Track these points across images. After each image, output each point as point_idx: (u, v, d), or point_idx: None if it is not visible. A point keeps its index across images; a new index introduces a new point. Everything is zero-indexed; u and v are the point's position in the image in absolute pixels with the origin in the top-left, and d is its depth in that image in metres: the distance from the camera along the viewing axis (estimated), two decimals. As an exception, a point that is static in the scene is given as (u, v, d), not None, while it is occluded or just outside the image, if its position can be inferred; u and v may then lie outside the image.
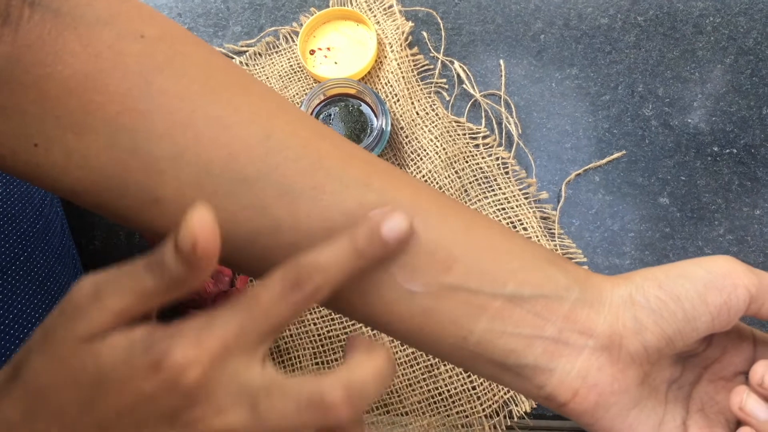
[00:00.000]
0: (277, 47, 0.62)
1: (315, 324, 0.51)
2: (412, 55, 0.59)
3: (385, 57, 0.59)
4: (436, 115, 0.57)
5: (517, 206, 0.54)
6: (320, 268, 0.27)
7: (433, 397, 0.49)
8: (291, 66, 0.60)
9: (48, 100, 0.28)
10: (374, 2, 0.61)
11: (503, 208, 0.54)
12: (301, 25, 0.62)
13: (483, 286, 0.30)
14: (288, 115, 0.31)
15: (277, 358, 0.51)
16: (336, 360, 0.50)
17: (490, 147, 0.56)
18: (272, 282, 0.26)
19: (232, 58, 0.62)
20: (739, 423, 0.30)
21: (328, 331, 0.51)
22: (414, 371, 0.49)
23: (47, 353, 0.25)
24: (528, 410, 0.48)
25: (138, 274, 0.25)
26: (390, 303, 0.30)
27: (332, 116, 0.56)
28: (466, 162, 0.55)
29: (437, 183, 0.54)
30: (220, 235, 0.25)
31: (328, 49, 0.60)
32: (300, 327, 0.51)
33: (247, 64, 0.61)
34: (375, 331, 0.50)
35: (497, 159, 0.55)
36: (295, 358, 0.51)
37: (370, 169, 0.31)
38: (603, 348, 0.30)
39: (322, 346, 0.51)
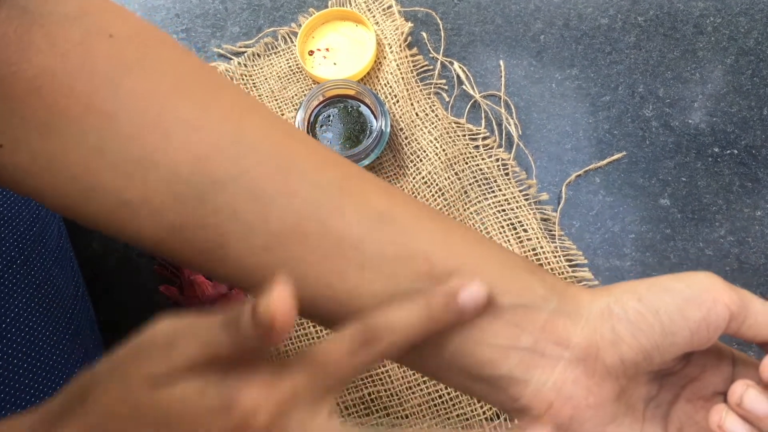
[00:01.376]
0: (276, 48, 0.61)
1: (315, 327, 0.51)
2: (412, 55, 0.59)
3: (385, 58, 0.58)
4: (436, 116, 0.56)
5: (517, 208, 0.53)
6: (392, 330, 0.27)
7: (433, 400, 0.49)
8: (290, 67, 0.60)
9: (13, 100, 0.28)
10: (373, 3, 0.61)
11: (503, 210, 0.53)
12: (300, 25, 0.61)
13: None
14: (260, 117, 0.31)
15: (277, 359, 0.51)
16: (335, 363, 0.50)
17: (490, 148, 0.56)
18: (344, 338, 0.26)
19: (230, 59, 0.61)
20: None
21: (327, 334, 0.51)
22: (414, 374, 0.49)
23: (116, 387, 0.25)
24: (529, 413, 0.47)
25: (214, 329, 0.25)
26: (365, 309, 0.29)
27: (331, 117, 0.55)
28: (466, 163, 0.55)
29: (437, 184, 0.54)
30: (189, 240, 0.25)
31: (327, 49, 0.59)
32: (299, 330, 0.51)
33: (245, 65, 0.61)
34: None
35: (497, 160, 0.55)
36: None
37: (344, 173, 0.31)
38: (579, 360, 0.29)
39: (322, 348, 0.51)
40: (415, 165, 0.55)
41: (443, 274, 0.29)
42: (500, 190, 0.54)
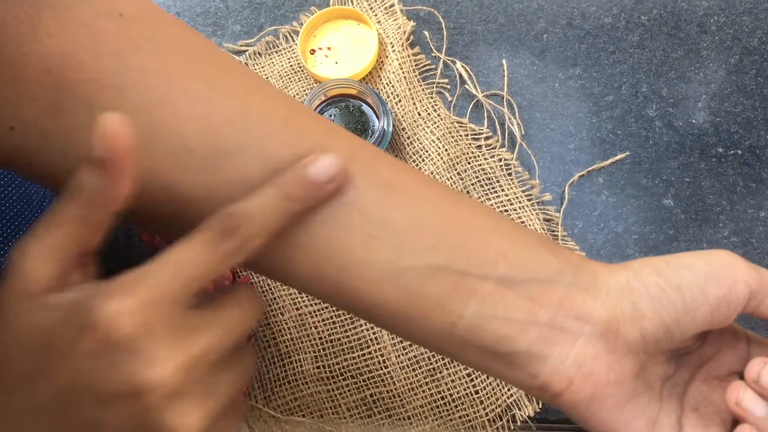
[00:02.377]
0: (277, 47, 0.61)
1: (316, 327, 0.51)
2: (414, 54, 0.59)
3: (387, 57, 0.58)
4: (438, 115, 0.56)
5: (519, 208, 0.53)
6: (249, 215, 0.26)
7: (435, 402, 0.49)
8: (291, 66, 0.60)
9: (24, 81, 0.28)
10: (375, 1, 0.61)
11: (506, 210, 0.53)
12: (302, 24, 0.61)
13: (471, 267, 0.28)
14: (268, 92, 0.31)
15: (278, 361, 0.51)
16: (338, 363, 0.50)
17: (492, 148, 0.55)
18: (200, 232, 0.26)
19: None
20: (735, 423, 0.29)
21: (329, 335, 0.51)
22: (416, 375, 0.49)
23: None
24: (531, 414, 0.47)
25: (61, 211, 0.26)
26: (374, 282, 0.28)
27: (333, 117, 0.55)
28: (469, 163, 0.55)
29: (439, 184, 0.54)
30: (199, 212, 0.26)
31: (329, 48, 0.59)
32: (301, 330, 0.51)
33: (246, 64, 0.60)
34: (376, 329, 0.50)
35: (500, 160, 0.55)
36: (296, 362, 0.50)
37: (353, 144, 0.30)
38: (600, 335, 0.29)
39: (324, 349, 0.50)
40: (417, 165, 0.55)
41: (452, 248, 0.29)
42: (503, 190, 0.54)
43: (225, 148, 0.28)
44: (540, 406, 0.47)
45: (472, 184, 0.54)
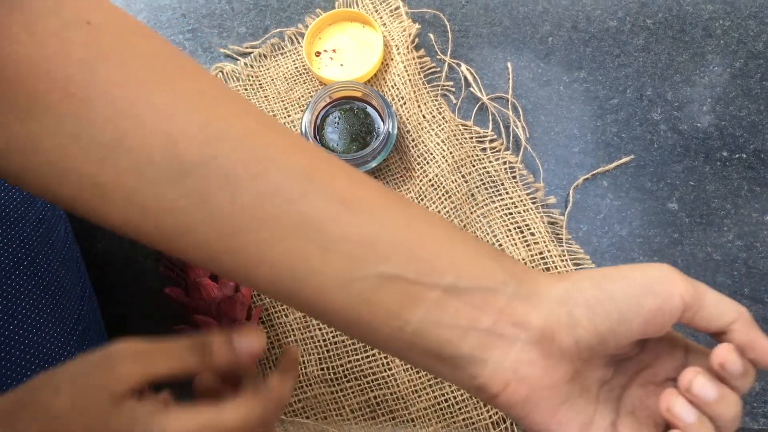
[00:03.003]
0: (282, 49, 0.61)
1: (320, 329, 0.51)
2: (419, 57, 0.59)
3: (392, 59, 0.58)
4: (443, 118, 0.56)
5: (524, 211, 0.53)
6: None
7: (439, 404, 0.49)
8: (296, 68, 0.60)
9: None
10: (380, 4, 0.61)
11: (510, 213, 0.53)
12: (307, 26, 0.61)
13: (421, 276, 0.30)
14: (231, 105, 0.31)
15: (282, 363, 0.51)
16: (342, 365, 0.50)
17: (497, 151, 0.55)
18: (249, 403, 0.31)
19: (237, 59, 0.61)
20: (668, 427, 0.30)
21: (333, 337, 0.51)
22: (420, 378, 0.49)
23: (77, 396, 0.28)
24: (535, 417, 0.47)
25: (181, 352, 0.30)
26: (327, 292, 0.30)
27: (338, 119, 0.55)
28: (473, 166, 0.55)
29: (444, 187, 0.54)
30: (160, 223, 0.28)
31: (334, 51, 0.59)
32: (305, 333, 0.51)
33: (251, 66, 0.61)
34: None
35: (504, 163, 0.55)
36: (300, 363, 0.50)
37: (312, 159, 0.31)
38: (535, 341, 0.30)
39: (328, 351, 0.50)
40: (421, 167, 0.55)
41: (405, 258, 0.30)
42: (507, 193, 0.54)
43: (185, 162, 0.29)
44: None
45: (477, 187, 0.54)
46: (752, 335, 0.30)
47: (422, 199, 0.54)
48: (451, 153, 0.54)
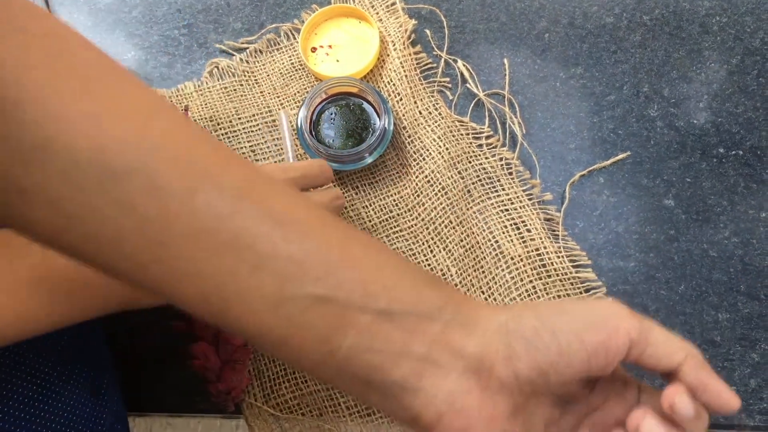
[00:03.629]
0: (278, 44, 0.61)
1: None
2: (415, 53, 0.58)
3: (388, 55, 0.58)
4: (439, 114, 0.56)
5: (520, 207, 0.53)
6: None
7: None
8: (292, 64, 0.60)
9: None
10: (377, -1, 0.61)
11: (506, 209, 0.53)
12: (303, 22, 0.61)
13: (353, 300, 0.29)
14: (168, 118, 0.31)
15: (278, 360, 0.50)
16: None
17: (493, 147, 0.55)
18: None
19: (232, 55, 0.61)
20: None
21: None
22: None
23: None
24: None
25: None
26: (256, 312, 0.29)
27: (334, 115, 0.55)
28: (470, 162, 0.55)
29: (440, 183, 0.53)
30: (86, 232, 0.26)
31: (330, 46, 0.59)
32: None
33: (247, 61, 0.60)
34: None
35: (501, 159, 0.55)
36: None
37: (247, 175, 0.30)
38: (472, 371, 0.29)
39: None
40: (418, 163, 0.55)
41: (338, 280, 0.29)
42: (503, 189, 0.54)
43: (114, 169, 0.28)
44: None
45: (473, 183, 0.54)
46: (702, 376, 0.29)
47: (418, 196, 0.54)
48: (447, 149, 0.54)
